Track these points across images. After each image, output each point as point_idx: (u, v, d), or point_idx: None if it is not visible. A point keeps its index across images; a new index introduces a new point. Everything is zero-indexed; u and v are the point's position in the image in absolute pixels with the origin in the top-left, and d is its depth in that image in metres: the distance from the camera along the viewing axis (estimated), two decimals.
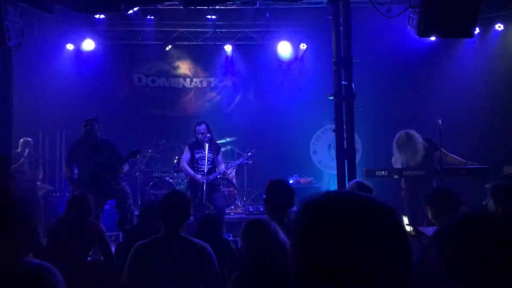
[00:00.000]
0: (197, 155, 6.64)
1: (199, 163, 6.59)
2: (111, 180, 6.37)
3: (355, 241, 0.86)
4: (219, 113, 10.23)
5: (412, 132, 6.66)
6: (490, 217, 1.61)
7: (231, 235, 6.30)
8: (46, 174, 9.17)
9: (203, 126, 6.63)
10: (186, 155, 6.79)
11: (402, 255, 0.89)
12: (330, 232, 0.88)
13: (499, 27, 8.85)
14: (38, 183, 8.33)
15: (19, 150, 8.05)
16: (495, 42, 8.91)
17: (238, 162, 6.93)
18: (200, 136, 6.56)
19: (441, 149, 6.38)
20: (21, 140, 8.16)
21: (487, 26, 8.77)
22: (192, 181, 6.64)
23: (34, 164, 8.30)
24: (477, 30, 7.83)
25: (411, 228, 4.07)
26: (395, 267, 0.87)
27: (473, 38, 5.81)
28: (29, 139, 8.37)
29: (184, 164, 6.77)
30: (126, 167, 6.70)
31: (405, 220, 4.32)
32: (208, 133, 6.59)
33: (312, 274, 0.89)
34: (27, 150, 8.10)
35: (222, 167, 6.82)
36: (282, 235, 2.70)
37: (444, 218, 3.64)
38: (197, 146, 6.67)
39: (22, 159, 8.03)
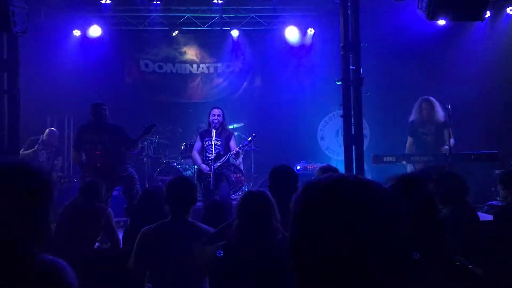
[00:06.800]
0: (206, 143, 6.66)
1: (208, 151, 6.61)
2: (119, 165, 6.37)
3: (353, 221, 0.89)
4: (226, 99, 10.19)
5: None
6: None
7: None
8: None
9: (218, 110, 6.65)
10: (197, 144, 6.83)
11: (397, 238, 0.92)
12: (330, 210, 0.91)
13: (510, 10, 8.68)
14: (58, 173, 8.41)
15: (44, 137, 8.24)
16: (506, 26, 8.75)
17: (240, 147, 6.85)
18: (213, 118, 6.55)
19: (450, 130, 6.52)
20: (47, 129, 8.42)
21: (498, 9, 8.61)
22: (200, 170, 6.68)
23: (54, 154, 8.34)
24: (488, 14, 7.68)
25: None
26: (391, 249, 0.90)
27: (483, 22, 5.71)
28: (54, 129, 8.62)
29: (194, 153, 6.82)
30: (139, 145, 6.62)
31: None
32: (221, 118, 6.58)
33: (308, 251, 0.92)
34: (42, 138, 8.20)
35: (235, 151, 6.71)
36: (277, 216, 2.66)
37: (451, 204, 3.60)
38: (206, 134, 6.70)
39: (36, 146, 8.08)
